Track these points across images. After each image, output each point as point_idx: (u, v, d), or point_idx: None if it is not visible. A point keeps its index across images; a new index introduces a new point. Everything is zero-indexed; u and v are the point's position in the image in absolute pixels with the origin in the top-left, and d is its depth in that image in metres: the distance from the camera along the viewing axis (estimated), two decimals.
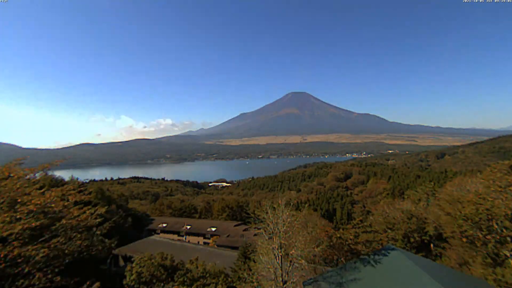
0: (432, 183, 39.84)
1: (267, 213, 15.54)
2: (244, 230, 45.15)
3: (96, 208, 14.70)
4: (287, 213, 15.53)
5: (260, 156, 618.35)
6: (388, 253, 13.46)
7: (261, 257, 15.35)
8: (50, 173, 30.67)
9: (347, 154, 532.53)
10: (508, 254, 15.46)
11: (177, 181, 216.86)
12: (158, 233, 49.28)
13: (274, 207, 15.80)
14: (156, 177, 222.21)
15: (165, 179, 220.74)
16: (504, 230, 15.36)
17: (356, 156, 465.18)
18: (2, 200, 11.04)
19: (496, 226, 15.65)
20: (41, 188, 12.80)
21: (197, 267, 20.08)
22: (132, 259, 24.43)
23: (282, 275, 14.54)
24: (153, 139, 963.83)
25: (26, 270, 10.11)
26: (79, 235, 12.62)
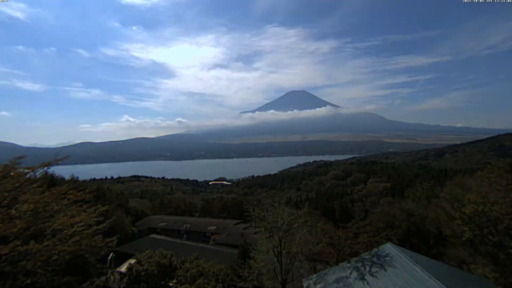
0: (432, 181, 39.78)
1: (267, 211, 15.59)
2: (244, 228, 45.22)
3: (96, 207, 14.70)
4: (287, 212, 15.58)
5: (260, 155, 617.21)
6: (388, 252, 13.46)
7: (261, 255, 15.41)
8: (50, 171, 30.67)
9: (347, 153, 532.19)
10: (508, 253, 15.47)
11: (177, 179, 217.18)
12: (158, 232, 49.32)
13: (274, 206, 15.85)
14: (155, 176, 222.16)
15: (165, 177, 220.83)
16: (504, 230, 15.35)
17: (356, 155, 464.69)
18: (2, 199, 11.03)
19: (496, 225, 15.64)
20: (41, 186, 12.78)
21: (197, 266, 20.12)
22: (132, 258, 24.51)
23: (281, 273, 14.58)
24: (153, 138, 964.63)
25: (27, 268, 10.12)
26: (79, 234, 12.62)
